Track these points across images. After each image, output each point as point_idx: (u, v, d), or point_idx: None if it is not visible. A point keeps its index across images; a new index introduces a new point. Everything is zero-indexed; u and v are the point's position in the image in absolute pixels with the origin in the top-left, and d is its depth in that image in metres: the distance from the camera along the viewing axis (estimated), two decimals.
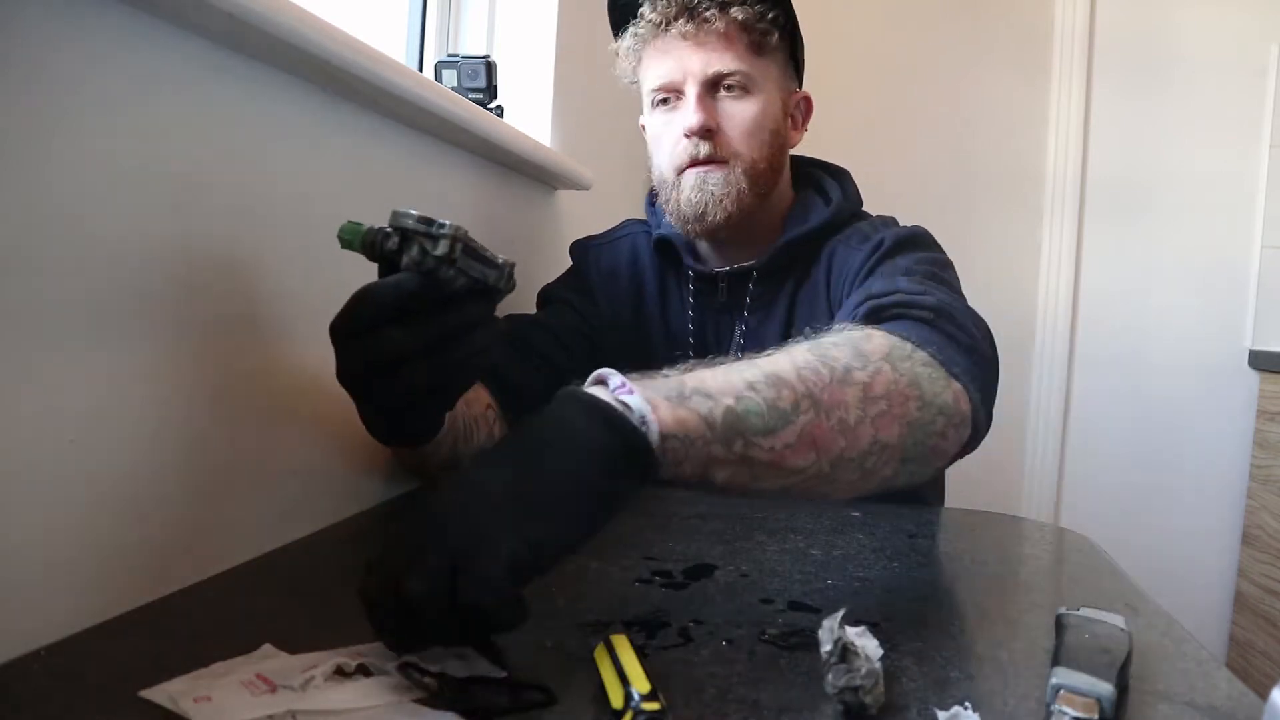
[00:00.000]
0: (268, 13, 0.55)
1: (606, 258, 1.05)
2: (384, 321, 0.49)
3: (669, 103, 0.94)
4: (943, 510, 0.85)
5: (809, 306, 0.94)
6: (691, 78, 0.90)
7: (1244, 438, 2.10)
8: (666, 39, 0.91)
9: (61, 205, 0.46)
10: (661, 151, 0.95)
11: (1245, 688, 0.46)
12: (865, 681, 0.40)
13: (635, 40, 0.94)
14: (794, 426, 0.52)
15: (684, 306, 1.01)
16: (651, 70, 0.94)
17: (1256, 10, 2.11)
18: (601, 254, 1.06)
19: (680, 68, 0.91)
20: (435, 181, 0.91)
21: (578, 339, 0.99)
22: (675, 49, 0.91)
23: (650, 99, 0.96)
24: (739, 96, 0.91)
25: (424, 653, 0.42)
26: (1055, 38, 2.21)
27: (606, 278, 1.04)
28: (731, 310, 0.98)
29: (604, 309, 1.02)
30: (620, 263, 1.04)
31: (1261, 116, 2.11)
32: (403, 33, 1.20)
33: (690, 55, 0.90)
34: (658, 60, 0.93)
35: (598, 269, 1.05)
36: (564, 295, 1.03)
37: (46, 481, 0.46)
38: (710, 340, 0.99)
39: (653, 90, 0.94)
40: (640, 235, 1.06)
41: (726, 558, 0.66)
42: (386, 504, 0.80)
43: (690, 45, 0.90)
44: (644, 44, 0.94)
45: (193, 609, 0.52)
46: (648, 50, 0.94)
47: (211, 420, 0.58)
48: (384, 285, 0.49)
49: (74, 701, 0.39)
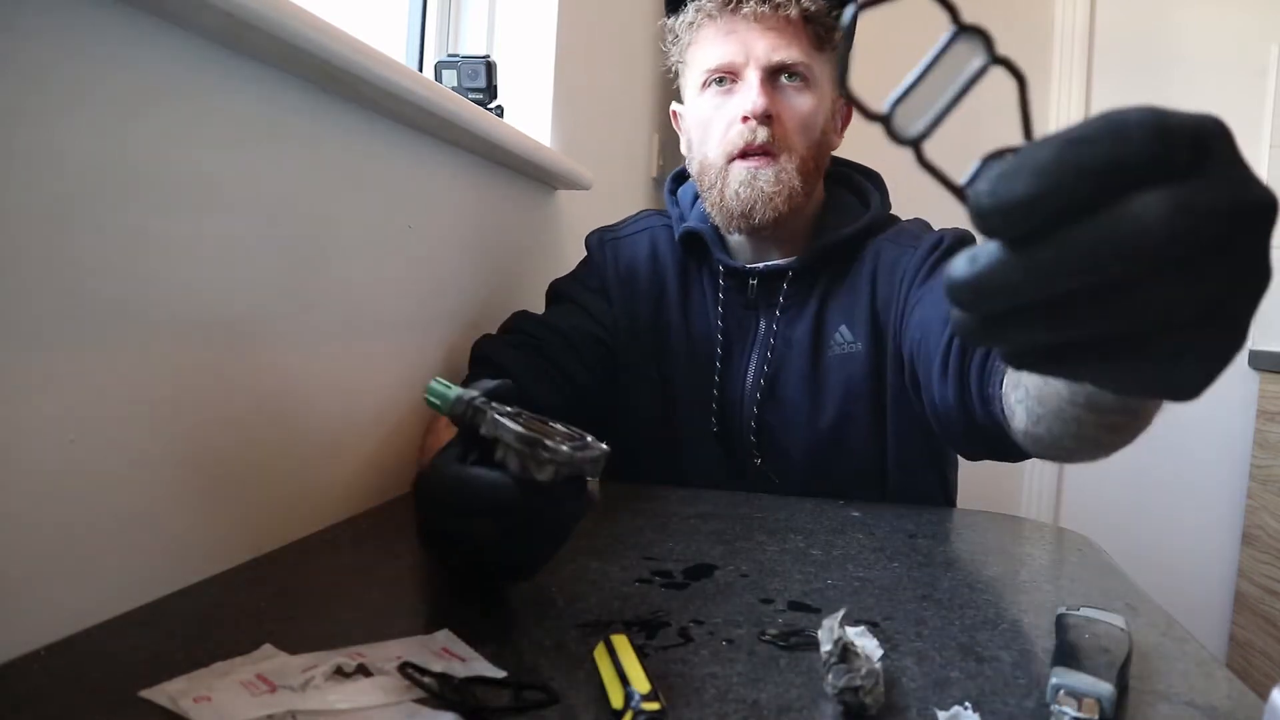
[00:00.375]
0: (268, 13, 0.55)
1: (625, 253, 1.01)
2: (475, 513, 0.49)
3: (724, 84, 0.90)
4: (943, 510, 0.85)
5: (843, 306, 0.92)
6: (755, 61, 0.87)
7: (1244, 438, 2.10)
8: (733, 19, 0.89)
9: (61, 205, 0.46)
10: (710, 136, 0.92)
11: (1245, 688, 0.46)
12: (865, 681, 0.40)
13: (698, 15, 0.91)
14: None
15: (708, 304, 0.98)
16: (709, 49, 0.91)
17: (1256, 10, 2.11)
18: (620, 249, 1.02)
19: (744, 50, 0.88)
20: (435, 181, 0.91)
21: (593, 346, 0.96)
22: (741, 30, 0.88)
23: (701, 79, 0.92)
24: (799, 89, 0.89)
25: (424, 653, 0.42)
26: (1055, 38, 2.21)
27: (625, 275, 1.00)
28: (758, 307, 0.95)
29: (620, 309, 0.99)
30: (640, 258, 1.00)
31: (1261, 116, 2.11)
32: (403, 33, 1.19)
33: (757, 39, 0.88)
34: (719, 40, 0.90)
35: (615, 266, 1.01)
36: (578, 296, 0.99)
37: (46, 481, 0.46)
38: (735, 338, 0.96)
39: (708, 70, 0.91)
40: (660, 228, 1.03)
41: (726, 558, 0.66)
42: (386, 504, 0.80)
43: (759, 29, 0.88)
44: (707, 21, 0.90)
45: (193, 609, 0.52)
46: (708, 29, 0.91)
47: (211, 420, 0.58)
48: (481, 486, 0.49)
49: (74, 701, 0.39)
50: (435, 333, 0.92)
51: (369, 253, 0.78)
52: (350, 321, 0.75)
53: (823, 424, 0.91)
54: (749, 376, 0.94)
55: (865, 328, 0.91)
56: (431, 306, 0.92)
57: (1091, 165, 0.25)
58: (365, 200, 0.77)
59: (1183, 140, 0.25)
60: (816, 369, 0.92)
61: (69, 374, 0.47)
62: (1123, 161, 0.25)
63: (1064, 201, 0.25)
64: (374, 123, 0.78)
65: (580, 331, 0.95)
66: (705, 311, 0.97)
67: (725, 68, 0.89)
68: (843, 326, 0.92)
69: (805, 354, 0.92)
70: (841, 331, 0.92)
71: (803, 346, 0.92)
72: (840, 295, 0.93)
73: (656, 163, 2.05)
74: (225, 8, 0.51)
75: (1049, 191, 0.25)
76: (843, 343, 0.91)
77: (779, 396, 0.93)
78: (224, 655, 0.43)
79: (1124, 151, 0.25)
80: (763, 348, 0.94)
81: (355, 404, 0.77)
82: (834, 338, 0.92)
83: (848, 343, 0.91)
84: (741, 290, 0.96)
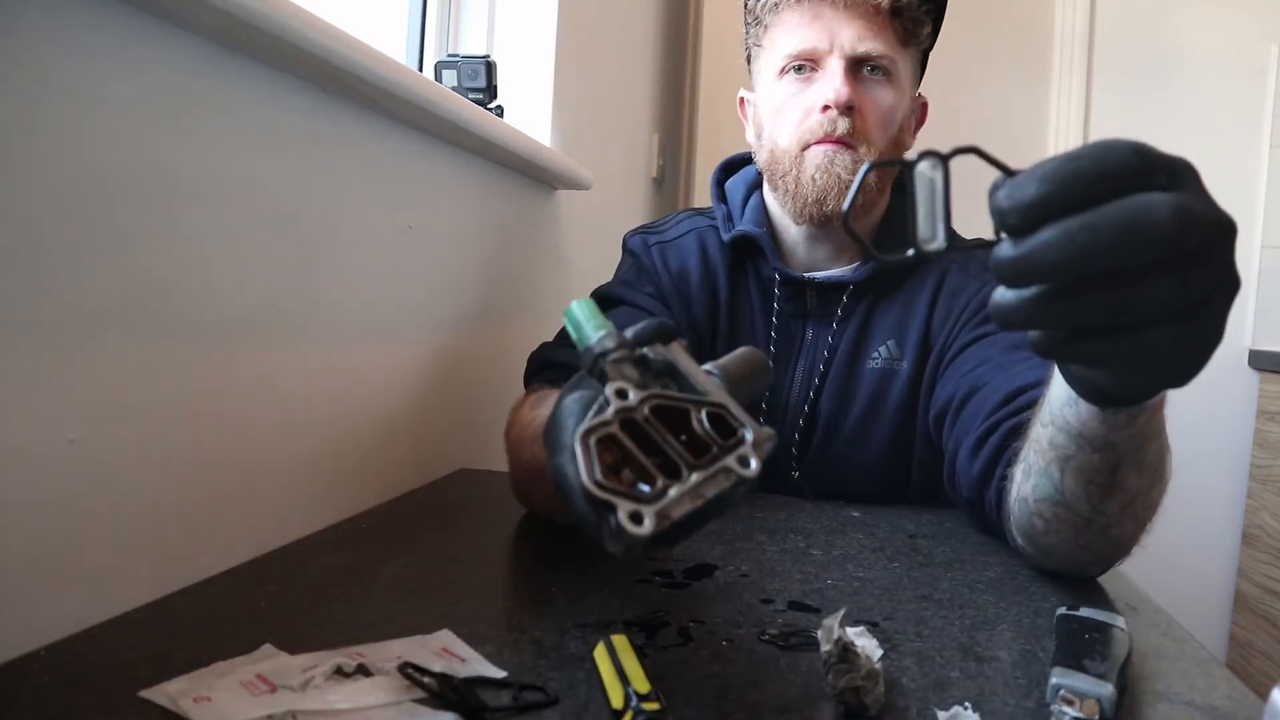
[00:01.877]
0: (268, 13, 0.55)
1: (674, 257, 0.94)
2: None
3: (803, 71, 0.86)
4: (942, 510, 0.85)
5: (894, 321, 0.88)
6: (840, 50, 0.84)
7: (1244, 438, 2.10)
8: (819, 4, 0.85)
9: (61, 205, 0.46)
10: (784, 123, 0.87)
11: (1245, 688, 0.46)
12: (865, 682, 0.40)
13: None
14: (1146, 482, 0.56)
15: (755, 311, 0.93)
16: (791, 34, 0.87)
17: (1256, 10, 2.11)
18: (668, 252, 0.95)
19: (828, 37, 0.84)
20: (435, 181, 0.91)
21: None
22: (826, 16, 0.85)
23: (780, 65, 0.87)
24: (882, 82, 0.86)
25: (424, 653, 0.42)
26: (1055, 38, 2.21)
27: (678, 280, 0.93)
28: (809, 317, 0.91)
29: (679, 317, 0.92)
30: (691, 262, 0.94)
31: (1261, 116, 2.11)
32: (403, 33, 1.20)
33: (843, 27, 0.84)
34: (803, 25, 0.86)
35: (667, 271, 0.94)
36: (637, 300, 0.91)
37: (46, 481, 0.46)
38: (783, 349, 0.92)
39: (788, 56, 0.86)
40: (706, 230, 0.96)
41: (726, 558, 0.65)
42: (386, 504, 0.80)
43: (845, 16, 0.84)
44: (791, 4, 0.87)
45: (193, 609, 0.51)
46: (791, 13, 0.87)
47: (211, 420, 0.58)
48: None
49: (74, 701, 0.39)
50: (435, 333, 0.92)
51: (369, 253, 0.78)
52: (350, 321, 0.75)
53: (854, 438, 0.88)
54: (795, 388, 0.91)
55: (915, 348, 0.87)
56: (431, 306, 0.91)
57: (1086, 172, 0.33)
58: (365, 200, 0.77)
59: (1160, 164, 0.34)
60: (851, 379, 0.89)
61: (69, 374, 0.47)
62: (1110, 171, 0.33)
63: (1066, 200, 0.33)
64: (374, 123, 0.78)
65: None
66: (753, 320, 0.93)
67: (807, 54, 0.85)
68: (890, 342, 0.88)
69: (845, 364, 0.89)
70: (888, 346, 0.88)
71: (843, 356, 0.89)
72: (892, 310, 0.89)
73: (656, 163, 2.05)
74: (225, 8, 0.51)
75: (1053, 192, 0.33)
76: (886, 358, 0.88)
77: (820, 409, 0.90)
78: (224, 655, 0.43)
79: (1111, 163, 0.33)
80: (809, 359, 0.91)
81: (355, 404, 0.77)
82: (877, 351, 0.88)
83: (892, 359, 0.88)
84: (796, 299, 0.91)
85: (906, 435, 0.88)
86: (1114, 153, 0.33)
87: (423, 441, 0.90)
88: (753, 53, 0.94)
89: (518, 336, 1.12)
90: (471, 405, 1.01)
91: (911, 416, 0.88)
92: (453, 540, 0.69)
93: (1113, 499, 0.55)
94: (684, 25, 2.23)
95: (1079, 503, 0.56)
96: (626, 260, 0.99)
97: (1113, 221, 0.32)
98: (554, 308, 1.28)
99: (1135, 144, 0.34)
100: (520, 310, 1.17)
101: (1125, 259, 0.33)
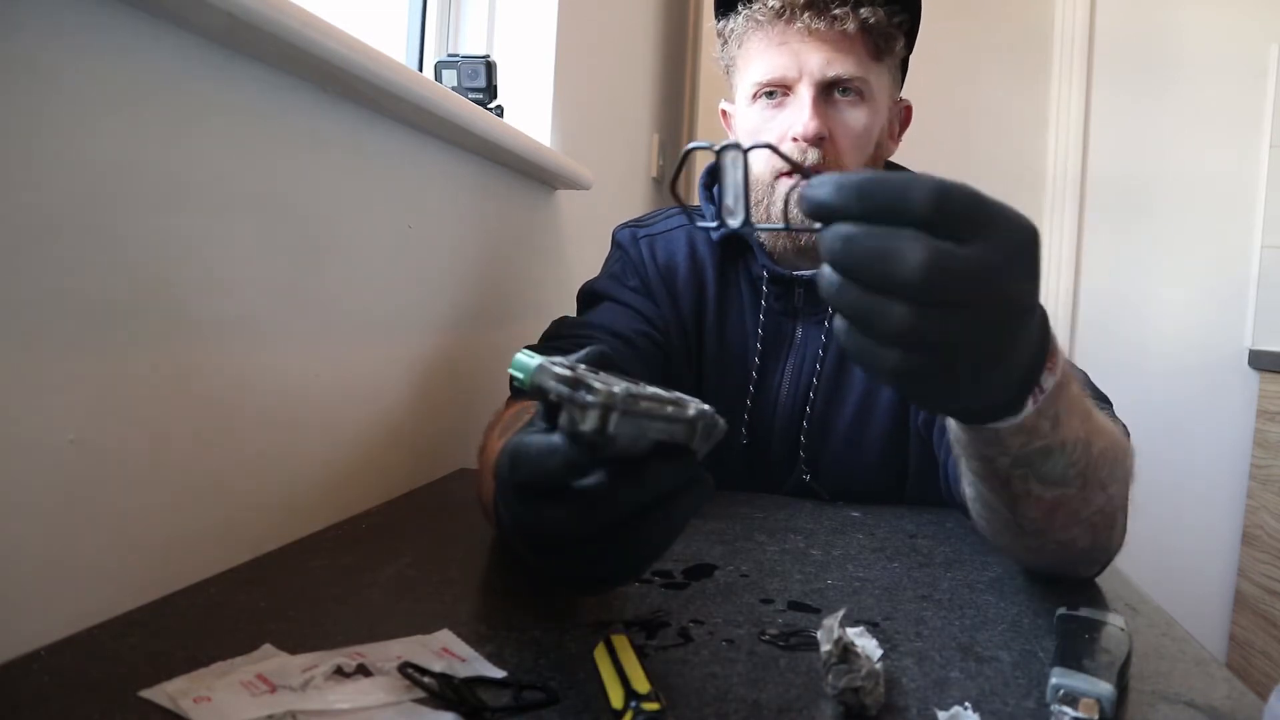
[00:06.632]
0: (268, 13, 0.55)
1: (662, 249, 0.94)
2: (541, 494, 0.39)
3: (774, 97, 0.85)
4: (942, 510, 0.85)
5: None
6: (809, 77, 0.82)
7: (1244, 438, 2.10)
8: (786, 30, 0.83)
9: (61, 205, 0.46)
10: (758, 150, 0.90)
11: (1245, 688, 0.46)
12: (865, 682, 0.40)
13: (747, 23, 0.86)
14: (1066, 491, 0.52)
15: (745, 310, 0.93)
16: (761, 61, 0.85)
17: (1256, 10, 2.11)
18: (656, 245, 0.95)
19: (797, 64, 0.83)
20: (435, 181, 0.91)
21: (650, 348, 0.89)
22: (794, 42, 0.83)
23: (751, 90, 0.87)
24: (854, 103, 0.84)
25: (424, 653, 0.42)
26: (1055, 38, 2.21)
27: (665, 273, 0.93)
28: (798, 315, 0.91)
29: (665, 309, 0.92)
30: (678, 256, 0.94)
31: (1261, 116, 2.11)
32: (403, 33, 1.20)
33: (811, 53, 0.82)
34: (771, 51, 0.84)
35: (654, 263, 0.94)
36: (621, 295, 0.92)
37: (46, 481, 0.46)
38: (771, 347, 0.91)
39: (758, 83, 0.86)
40: (694, 228, 0.96)
41: (726, 558, 0.65)
42: (386, 504, 0.80)
43: (813, 42, 0.82)
44: (757, 29, 0.85)
45: (193, 609, 0.51)
46: (759, 37, 0.85)
47: (211, 420, 0.58)
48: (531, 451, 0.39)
49: (74, 701, 0.39)
50: (435, 332, 0.92)
51: (369, 253, 0.78)
52: (350, 321, 0.75)
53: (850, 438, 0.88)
54: (784, 387, 0.91)
55: None
56: (431, 306, 0.91)
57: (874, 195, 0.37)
58: (365, 200, 0.77)
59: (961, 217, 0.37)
60: (842, 379, 0.89)
61: (69, 374, 0.47)
62: (896, 205, 0.36)
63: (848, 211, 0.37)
64: (374, 123, 0.78)
65: (635, 332, 0.88)
66: (742, 318, 0.93)
67: (776, 81, 0.84)
68: None
69: (835, 364, 0.89)
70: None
71: (834, 356, 0.89)
72: None
73: (656, 163, 2.05)
74: (225, 8, 0.51)
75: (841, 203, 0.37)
76: None
77: (817, 408, 0.90)
78: (224, 655, 0.43)
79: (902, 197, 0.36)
80: (799, 358, 0.91)
81: (355, 404, 0.77)
82: None
83: None
84: (785, 297, 0.91)
85: (901, 435, 0.88)
86: (913, 189, 0.36)
87: (423, 441, 0.90)
88: (728, 69, 0.94)
89: (518, 336, 1.12)
90: (471, 405, 1.01)
91: (904, 417, 0.88)
92: (453, 540, 0.69)
93: (1026, 506, 0.53)
94: (684, 25, 2.23)
95: (1000, 508, 0.55)
96: (614, 253, 0.99)
97: (865, 246, 0.37)
98: (554, 308, 1.28)
99: (943, 190, 0.36)
100: (520, 310, 1.17)
101: (872, 281, 0.37)
